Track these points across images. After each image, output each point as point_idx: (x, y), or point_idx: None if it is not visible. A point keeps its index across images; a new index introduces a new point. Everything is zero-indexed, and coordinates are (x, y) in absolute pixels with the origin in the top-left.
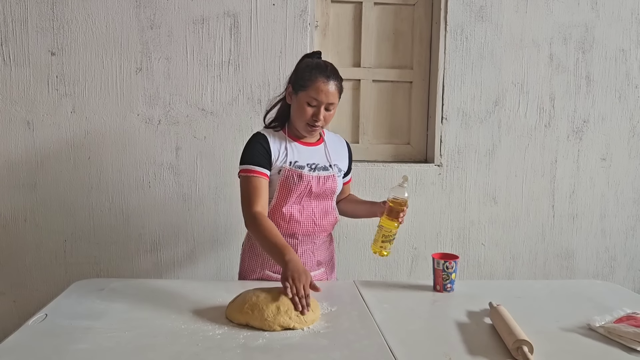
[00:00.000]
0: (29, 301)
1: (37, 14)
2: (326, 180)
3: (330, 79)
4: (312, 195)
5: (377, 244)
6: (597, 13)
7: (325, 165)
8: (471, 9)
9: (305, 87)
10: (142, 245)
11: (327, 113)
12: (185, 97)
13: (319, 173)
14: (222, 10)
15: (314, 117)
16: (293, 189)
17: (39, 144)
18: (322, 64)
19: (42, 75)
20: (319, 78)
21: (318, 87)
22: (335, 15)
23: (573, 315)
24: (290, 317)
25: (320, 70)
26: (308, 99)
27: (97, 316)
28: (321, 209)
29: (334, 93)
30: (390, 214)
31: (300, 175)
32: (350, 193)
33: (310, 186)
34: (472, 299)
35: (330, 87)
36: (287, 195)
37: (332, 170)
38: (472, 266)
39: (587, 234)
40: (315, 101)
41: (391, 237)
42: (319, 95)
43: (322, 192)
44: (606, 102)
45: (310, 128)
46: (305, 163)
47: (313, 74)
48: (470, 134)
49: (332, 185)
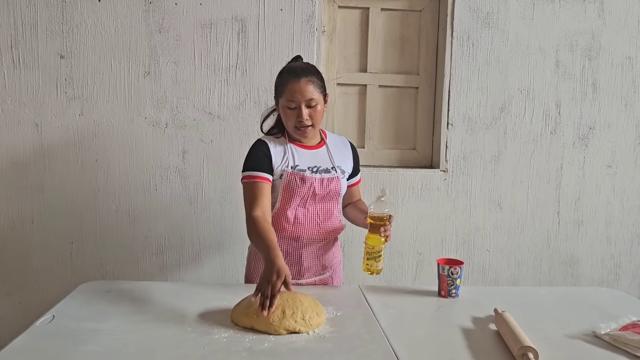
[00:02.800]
0: (34, 303)
1: (47, 17)
2: (330, 182)
3: (299, 76)
4: (316, 197)
5: (364, 262)
6: (604, 20)
7: (327, 167)
8: (478, 16)
9: (281, 93)
10: (148, 248)
11: (312, 110)
12: (192, 100)
13: (322, 175)
14: (230, 15)
15: (298, 118)
16: (296, 191)
17: (47, 146)
18: (292, 67)
19: (51, 78)
20: (288, 80)
21: (290, 89)
22: (342, 21)
23: (578, 322)
24: (296, 320)
25: (289, 72)
26: (287, 103)
27: (104, 318)
28: (326, 212)
29: (308, 89)
30: (371, 230)
31: (302, 178)
32: (359, 199)
33: (314, 188)
34: (477, 305)
35: (301, 85)
36: (291, 199)
37: (335, 172)
38: (477, 272)
39: (593, 241)
40: (292, 103)
41: (375, 254)
42: (293, 96)
43: (326, 194)
44: (612, 109)
45: (299, 130)
46: (306, 166)
47: (283, 78)
48: (475, 140)
49: (336, 188)
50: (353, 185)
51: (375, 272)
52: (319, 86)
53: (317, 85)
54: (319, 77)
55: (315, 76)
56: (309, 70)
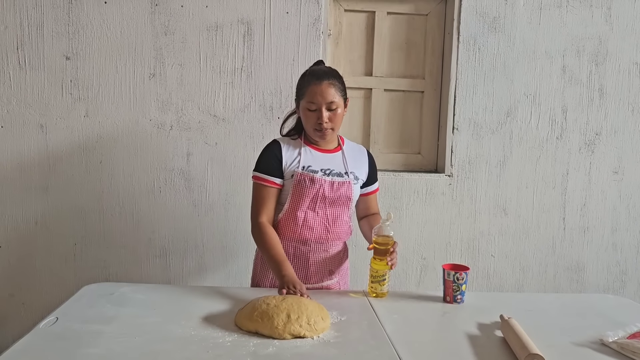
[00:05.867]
0: (38, 304)
1: (53, 19)
2: (340, 186)
3: (321, 79)
4: (326, 200)
5: (369, 284)
6: (611, 26)
7: (340, 171)
8: (484, 20)
9: (303, 95)
10: (152, 250)
11: (332, 113)
12: (197, 103)
13: (332, 178)
14: (236, 17)
15: (318, 120)
16: (305, 192)
17: (52, 147)
18: (314, 70)
19: (56, 79)
20: (311, 82)
21: (312, 91)
22: (348, 24)
23: (585, 329)
24: (301, 325)
25: (311, 75)
26: (307, 105)
27: (108, 320)
28: (335, 216)
29: (330, 91)
30: (376, 253)
31: (312, 179)
32: (376, 212)
33: (323, 190)
34: (482, 311)
35: (323, 87)
36: (300, 199)
37: (347, 177)
38: (482, 277)
39: (598, 248)
40: (313, 105)
41: (380, 278)
42: (314, 98)
43: (336, 198)
44: (619, 115)
45: (319, 132)
46: (319, 168)
47: (305, 81)
48: (481, 145)
49: (347, 192)
50: (368, 194)
51: (380, 296)
52: (340, 89)
53: (339, 88)
54: (341, 81)
55: (336, 80)
56: (331, 73)
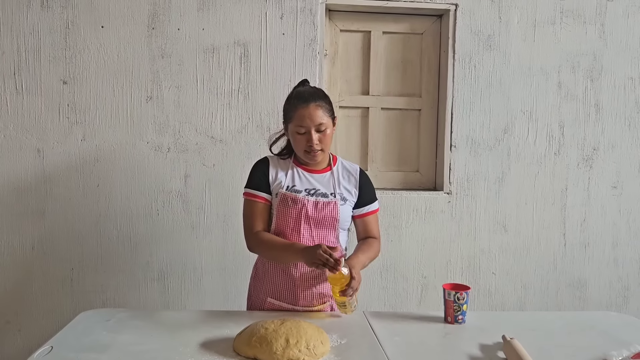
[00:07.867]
0: (34, 330)
1: (50, 44)
2: (325, 206)
3: (308, 101)
4: (310, 221)
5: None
6: (605, 42)
7: (326, 192)
8: (479, 38)
9: (291, 119)
10: (150, 273)
11: (321, 134)
12: (194, 125)
13: (317, 198)
14: (233, 39)
15: (308, 142)
16: (288, 212)
17: (49, 172)
18: (300, 92)
19: (53, 103)
20: (297, 105)
21: (300, 114)
22: (344, 44)
23: (589, 349)
24: (300, 350)
25: (297, 97)
26: (296, 129)
27: (103, 349)
28: (321, 238)
29: (318, 113)
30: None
31: (294, 199)
32: (372, 237)
33: (307, 210)
34: (484, 331)
35: (310, 110)
36: (284, 220)
37: (332, 197)
38: (483, 295)
39: (599, 263)
40: (302, 128)
41: (340, 304)
42: (303, 121)
43: (321, 218)
44: (616, 130)
45: (309, 154)
46: (303, 188)
47: (292, 104)
48: (479, 162)
49: (332, 212)
50: (364, 215)
51: (349, 313)
52: (328, 110)
53: (326, 109)
54: (327, 101)
55: (323, 100)
56: (317, 94)
